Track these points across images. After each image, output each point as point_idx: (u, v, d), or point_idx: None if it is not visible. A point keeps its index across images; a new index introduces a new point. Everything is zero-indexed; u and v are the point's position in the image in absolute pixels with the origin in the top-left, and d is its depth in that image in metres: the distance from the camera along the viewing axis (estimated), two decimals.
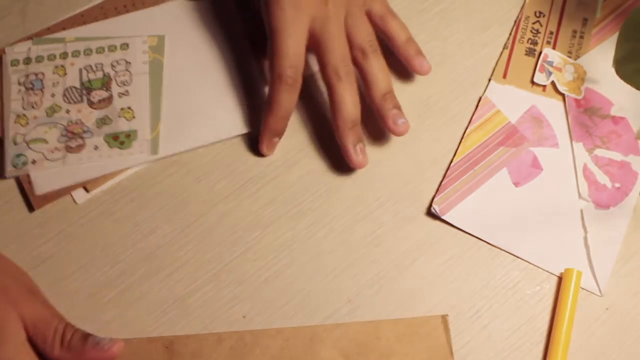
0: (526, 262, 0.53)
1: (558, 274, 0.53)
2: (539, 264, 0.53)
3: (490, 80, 0.58)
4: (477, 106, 0.57)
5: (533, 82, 0.58)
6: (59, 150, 0.54)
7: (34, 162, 0.54)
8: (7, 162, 0.54)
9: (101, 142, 0.55)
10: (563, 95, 0.57)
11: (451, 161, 0.55)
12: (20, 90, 0.56)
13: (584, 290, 0.52)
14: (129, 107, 0.55)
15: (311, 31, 0.53)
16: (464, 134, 0.56)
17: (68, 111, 0.55)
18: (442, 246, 0.53)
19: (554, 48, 0.59)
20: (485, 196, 0.54)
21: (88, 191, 0.54)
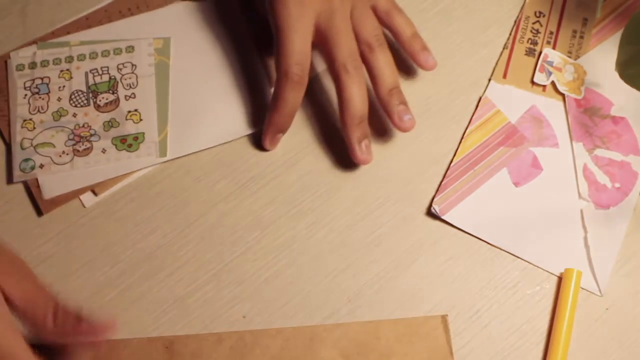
0: (526, 262, 0.53)
1: (558, 274, 0.53)
2: (539, 264, 0.53)
3: (490, 80, 0.58)
4: (477, 106, 0.57)
5: (533, 82, 0.58)
6: (67, 154, 0.54)
7: (42, 167, 0.54)
8: (15, 167, 0.54)
9: (109, 145, 0.54)
10: (563, 95, 0.57)
11: (451, 161, 0.55)
12: (26, 94, 0.56)
13: (584, 290, 0.52)
14: (136, 110, 0.55)
15: (317, 27, 0.52)
16: (464, 134, 0.56)
17: (75, 115, 0.55)
18: (442, 246, 0.53)
19: (554, 48, 0.59)
20: (485, 196, 0.54)
21: (96, 194, 0.54)
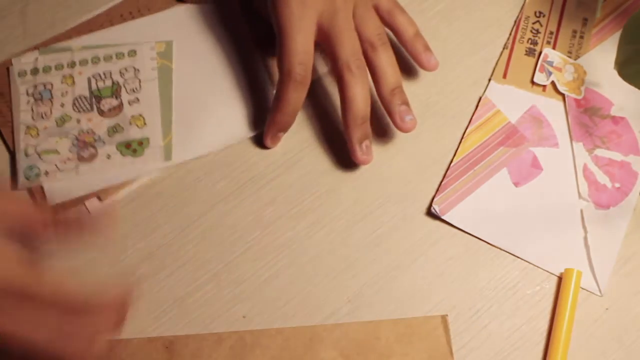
0: (526, 262, 0.53)
1: (558, 274, 0.53)
2: (539, 264, 0.53)
3: (490, 80, 0.58)
4: (477, 106, 0.57)
5: (533, 82, 0.58)
6: (71, 160, 0.54)
7: (47, 174, 0.53)
8: (20, 174, 0.53)
9: (113, 151, 0.54)
10: (563, 95, 0.57)
11: (451, 161, 0.55)
12: (29, 101, 0.55)
13: (584, 290, 0.52)
14: (140, 114, 0.55)
15: (319, 26, 0.52)
16: (464, 134, 0.56)
17: (78, 121, 0.55)
18: (442, 246, 0.53)
19: (554, 48, 0.59)
20: (485, 196, 0.54)
21: (102, 200, 0.54)
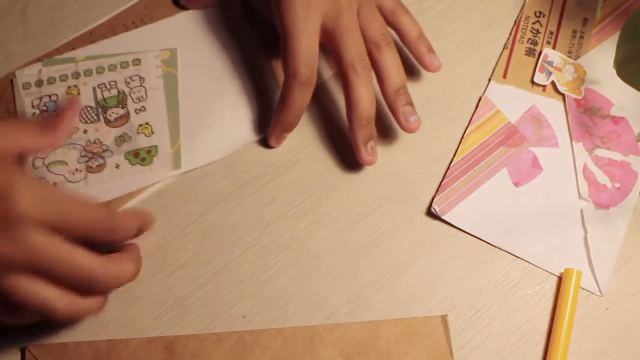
0: (526, 262, 0.53)
1: (558, 274, 0.53)
2: (539, 264, 0.53)
3: (490, 80, 0.58)
4: (477, 106, 0.57)
5: (533, 82, 0.58)
6: (80, 171, 0.54)
7: (56, 185, 0.53)
8: None
9: (122, 160, 0.54)
10: (563, 95, 0.57)
11: (451, 161, 0.55)
12: (34, 113, 0.55)
13: (584, 290, 0.52)
14: (147, 123, 0.55)
15: (324, 27, 0.52)
16: (464, 134, 0.56)
17: (85, 131, 0.54)
18: (442, 246, 0.53)
19: (554, 48, 0.59)
20: (485, 196, 0.54)
21: None
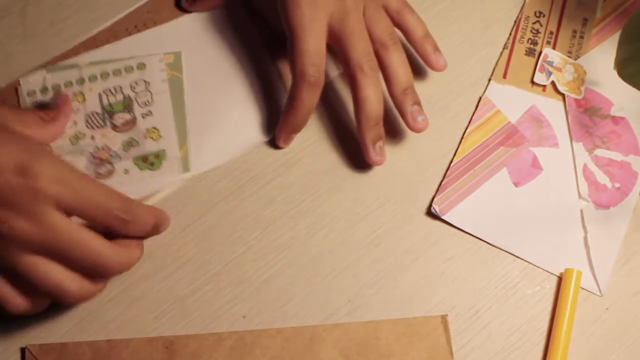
0: (526, 262, 0.53)
1: (558, 274, 0.53)
2: (539, 264, 0.53)
3: (490, 80, 0.58)
4: (477, 106, 0.57)
5: (533, 82, 0.58)
6: None
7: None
8: None
9: (131, 165, 0.54)
10: (563, 95, 0.57)
11: (451, 161, 0.55)
12: None
13: (584, 290, 0.52)
14: (154, 127, 0.55)
15: (330, 27, 0.52)
16: (464, 134, 0.56)
17: (93, 137, 0.54)
18: (442, 246, 0.53)
19: (554, 48, 0.59)
20: (485, 196, 0.54)
21: None
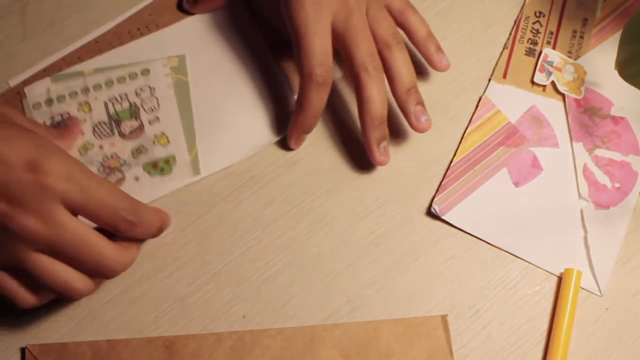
0: (526, 262, 0.53)
1: (558, 274, 0.53)
2: (539, 264, 0.53)
3: (490, 80, 0.58)
4: (477, 106, 0.57)
5: (533, 82, 0.58)
6: None
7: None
8: None
9: (141, 172, 0.54)
10: (563, 95, 0.57)
11: (451, 161, 0.55)
12: None
13: (584, 290, 0.52)
14: (162, 133, 0.54)
15: (334, 28, 0.52)
16: (464, 134, 0.56)
17: (101, 147, 0.54)
18: (442, 246, 0.53)
19: (554, 48, 0.59)
20: (485, 196, 0.54)
21: None
